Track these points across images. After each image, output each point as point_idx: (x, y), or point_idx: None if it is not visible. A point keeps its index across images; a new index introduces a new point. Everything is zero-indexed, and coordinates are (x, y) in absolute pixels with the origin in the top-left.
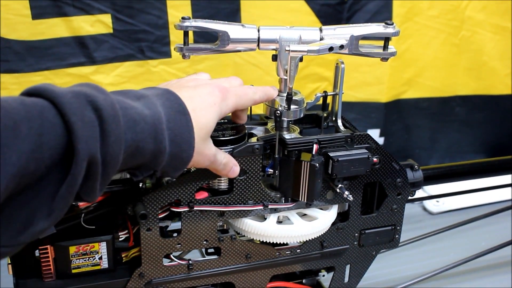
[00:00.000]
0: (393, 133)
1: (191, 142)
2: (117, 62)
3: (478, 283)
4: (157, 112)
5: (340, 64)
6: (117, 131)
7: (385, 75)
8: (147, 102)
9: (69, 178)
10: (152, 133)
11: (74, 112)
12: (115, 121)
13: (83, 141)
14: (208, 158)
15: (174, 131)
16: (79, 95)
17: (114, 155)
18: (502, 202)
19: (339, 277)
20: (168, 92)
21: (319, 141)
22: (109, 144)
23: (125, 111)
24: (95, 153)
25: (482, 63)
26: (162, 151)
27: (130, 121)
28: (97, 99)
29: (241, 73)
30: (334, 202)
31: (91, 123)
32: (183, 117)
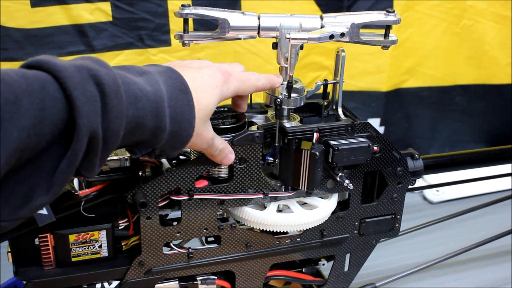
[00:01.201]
0: (394, 123)
1: (191, 121)
2: (116, 51)
3: (477, 272)
4: (159, 89)
5: (340, 52)
6: (119, 107)
7: (385, 64)
8: (150, 78)
9: (70, 153)
10: (153, 110)
11: (76, 87)
12: (117, 96)
13: (84, 116)
14: (206, 141)
15: (176, 109)
16: (81, 69)
17: (115, 131)
18: (502, 192)
19: (339, 266)
20: (170, 70)
21: (319, 129)
22: (111, 119)
23: (128, 86)
24: (96, 128)
25: (483, 52)
26: (162, 128)
27: (132, 96)
28: (99, 73)
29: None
30: (334, 190)
31: (93, 98)
32: (185, 96)
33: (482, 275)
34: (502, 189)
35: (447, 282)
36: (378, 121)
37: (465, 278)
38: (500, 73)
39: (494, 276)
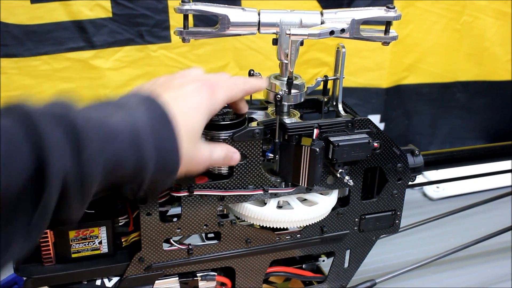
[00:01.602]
0: (394, 119)
1: (176, 151)
2: (116, 47)
3: (477, 268)
4: (137, 123)
5: (341, 48)
6: (92, 147)
7: (386, 61)
8: (127, 112)
9: (43, 201)
10: (132, 146)
11: (45, 130)
12: (89, 137)
13: (55, 161)
14: (202, 162)
15: (157, 141)
16: (51, 113)
17: (90, 172)
18: (502, 188)
19: (339, 262)
20: (149, 99)
21: (319, 125)
22: (84, 161)
23: (102, 124)
24: (68, 173)
25: (483, 48)
26: (145, 162)
27: (107, 134)
28: (70, 115)
29: (241, 58)
30: (334, 187)
31: (62, 142)
32: (166, 125)
33: (482, 272)
34: (502, 186)
35: (447, 279)
36: (378, 117)
37: (465, 275)
38: (501, 70)
39: (494, 272)
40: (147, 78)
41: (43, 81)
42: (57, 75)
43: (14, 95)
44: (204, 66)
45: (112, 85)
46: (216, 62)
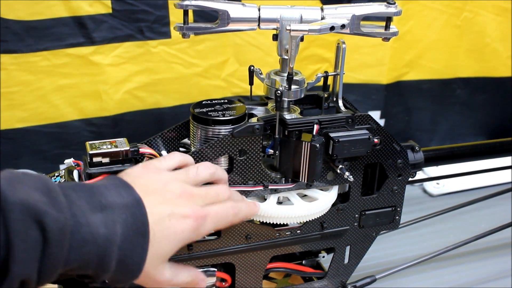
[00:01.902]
0: (394, 115)
1: (140, 264)
2: (116, 43)
3: (478, 264)
4: (113, 233)
5: (341, 44)
6: (59, 254)
7: (386, 57)
8: (108, 217)
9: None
10: (99, 255)
11: (17, 232)
12: (59, 245)
13: (19, 263)
14: (158, 283)
15: (126, 252)
16: (30, 212)
17: (50, 274)
18: (503, 185)
19: (339, 258)
20: (137, 206)
21: (319, 121)
22: (47, 265)
23: (78, 229)
24: (29, 273)
25: (484, 45)
26: (105, 270)
27: (79, 240)
28: (46, 220)
29: (241, 54)
30: (334, 183)
31: (33, 244)
32: (141, 239)
33: (482, 268)
34: (502, 182)
35: (447, 275)
36: (379, 113)
37: (465, 271)
38: (501, 66)
39: (494, 268)
40: (147, 74)
41: (43, 77)
42: (57, 71)
43: (14, 91)
44: (204, 62)
45: (112, 81)
46: (216, 58)
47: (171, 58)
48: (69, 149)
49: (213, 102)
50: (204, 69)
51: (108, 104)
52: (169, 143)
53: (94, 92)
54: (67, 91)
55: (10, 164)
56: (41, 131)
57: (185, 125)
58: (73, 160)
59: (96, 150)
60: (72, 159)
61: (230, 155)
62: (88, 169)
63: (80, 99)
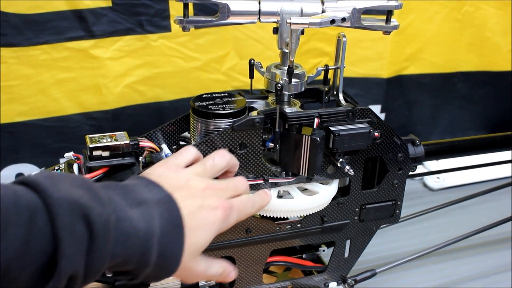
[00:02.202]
0: (394, 109)
1: (178, 258)
2: (116, 36)
3: (478, 258)
4: (152, 226)
5: (341, 38)
6: (105, 248)
7: (386, 51)
8: (145, 212)
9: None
10: (141, 248)
11: (64, 227)
12: (106, 238)
13: (68, 258)
14: (195, 275)
15: (165, 245)
16: (75, 206)
17: (97, 269)
18: (503, 179)
19: (339, 252)
20: (170, 201)
21: (320, 115)
22: (94, 259)
23: (120, 223)
24: (77, 269)
25: (485, 38)
26: (147, 265)
27: (122, 235)
28: (92, 213)
29: (241, 47)
30: (335, 176)
31: (80, 239)
32: (177, 232)
33: (482, 262)
34: (502, 176)
35: (447, 269)
36: (379, 107)
37: (465, 265)
38: (502, 60)
39: (494, 262)
40: (147, 67)
41: (42, 71)
42: (56, 65)
43: (13, 84)
44: (204, 56)
45: (112, 75)
46: (216, 52)
47: (171, 52)
48: (69, 143)
49: (213, 96)
50: (204, 63)
51: (108, 98)
52: (169, 136)
53: (94, 86)
54: (67, 85)
55: (10, 158)
56: (41, 125)
57: (185, 118)
58: (73, 154)
59: (96, 143)
60: (72, 152)
61: (230, 149)
62: (88, 162)
63: (80, 93)
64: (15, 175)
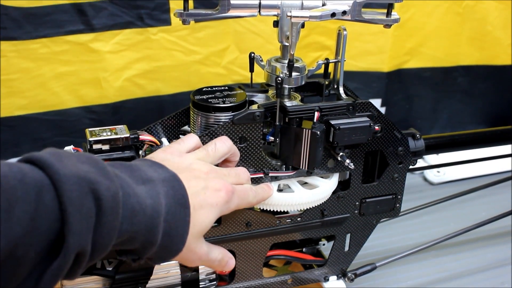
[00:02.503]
0: (395, 103)
1: (183, 237)
2: (116, 30)
3: (478, 252)
4: (158, 203)
5: (342, 31)
6: (113, 223)
7: (387, 44)
8: (151, 189)
9: (55, 266)
10: (148, 226)
11: (72, 202)
12: (114, 213)
13: (76, 234)
14: (198, 257)
15: (171, 224)
16: (82, 181)
17: (104, 245)
18: (503, 173)
19: (339, 246)
20: (175, 180)
21: (320, 108)
22: (102, 235)
23: (127, 199)
24: (85, 245)
25: (485, 32)
26: (153, 243)
27: (129, 210)
28: (100, 188)
29: (241, 41)
30: (335, 170)
31: (88, 214)
32: (183, 210)
33: (483, 256)
34: (503, 171)
35: (448, 263)
36: (379, 101)
37: (465, 259)
38: (503, 54)
39: (494, 256)
40: (147, 61)
41: (42, 64)
42: (56, 58)
43: (13, 78)
44: (205, 49)
45: (111, 68)
46: (216, 45)
47: (171, 46)
48: (69, 137)
49: (214, 89)
50: (204, 56)
51: (108, 92)
52: (169, 130)
53: (94, 80)
54: (67, 79)
55: (10, 152)
56: (41, 118)
57: (185, 112)
58: (73, 147)
59: (96, 137)
60: (72, 146)
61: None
62: None
63: (80, 87)
64: None
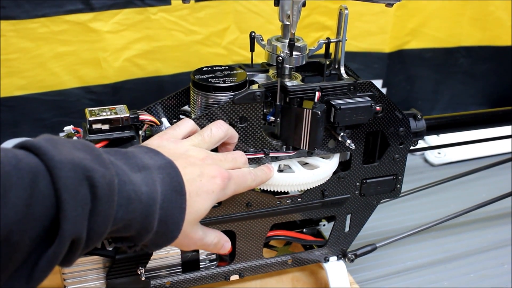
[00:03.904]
0: (396, 84)
1: (179, 224)
2: (115, 9)
3: (478, 233)
4: (154, 191)
5: (343, 10)
6: (108, 211)
7: (388, 25)
8: (147, 176)
9: (50, 253)
10: (144, 213)
11: (67, 189)
12: (109, 201)
13: (71, 221)
14: (193, 242)
15: (166, 211)
16: (78, 168)
17: (100, 233)
18: (503, 154)
19: (339, 227)
20: (171, 167)
21: (321, 88)
22: (97, 222)
23: (123, 186)
24: (80, 232)
25: (488, 13)
26: (149, 230)
27: (124, 198)
28: (95, 175)
29: (242, 21)
30: (336, 151)
31: (83, 201)
32: (179, 197)
33: (483, 236)
34: (503, 152)
35: (448, 243)
36: (380, 82)
37: (465, 239)
38: (505, 35)
39: (494, 237)
40: (146, 41)
41: (41, 44)
42: (55, 38)
43: (12, 58)
44: (205, 29)
45: (111, 48)
46: (216, 25)
47: (171, 26)
48: (69, 117)
49: (214, 69)
50: (204, 36)
51: (107, 72)
52: (169, 110)
53: (93, 60)
54: (66, 59)
55: (10, 132)
56: (41, 98)
57: (185, 92)
58: (73, 127)
59: (96, 116)
60: (71, 126)
61: (230, 122)
62: (88, 136)
63: (79, 67)
64: None
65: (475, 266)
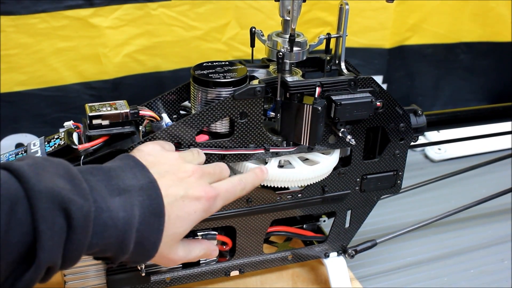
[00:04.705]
0: (396, 80)
1: (156, 244)
2: (115, 5)
3: (478, 229)
4: (131, 216)
5: (344, 5)
6: (83, 240)
7: (389, 20)
8: (126, 201)
9: (27, 278)
10: (119, 238)
11: (44, 220)
12: (84, 231)
13: (47, 250)
14: (173, 262)
15: (143, 233)
16: (56, 199)
17: (74, 258)
18: (504, 151)
19: (340, 223)
20: (152, 187)
21: (322, 84)
22: (72, 250)
23: (100, 213)
24: (56, 260)
25: (488, 9)
26: (125, 252)
27: (100, 225)
28: (72, 207)
29: (242, 17)
30: (336, 146)
31: (59, 231)
32: (156, 220)
33: (483, 233)
34: (503, 148)
35: (448, 239)
36: (381, 78)
37: (465, 236)
38: (506, 31)
39: (494, 233)
40: (146, 37)
41: (41, 40)
42: (55, 34)
43: (12, 53)
44: (205, 25)
45: (111, 44)
46: (217, 21)
47: (171, 21)
48: (69, 113)
49: (214, 64)
50: (204, 32)
51: (107, 68)
52: (170, 105)
53: (93, 55)
54: (66, 54)
55: (10, 128)
56: (41, 94)
57: (185, 87)
58: (73, 123)
59: (96, 112)
60: (71, 121)
61: (231, 118)
62: (88, 131)
63: (79, 62)
64: (15, 145)
65: (475, 262)
